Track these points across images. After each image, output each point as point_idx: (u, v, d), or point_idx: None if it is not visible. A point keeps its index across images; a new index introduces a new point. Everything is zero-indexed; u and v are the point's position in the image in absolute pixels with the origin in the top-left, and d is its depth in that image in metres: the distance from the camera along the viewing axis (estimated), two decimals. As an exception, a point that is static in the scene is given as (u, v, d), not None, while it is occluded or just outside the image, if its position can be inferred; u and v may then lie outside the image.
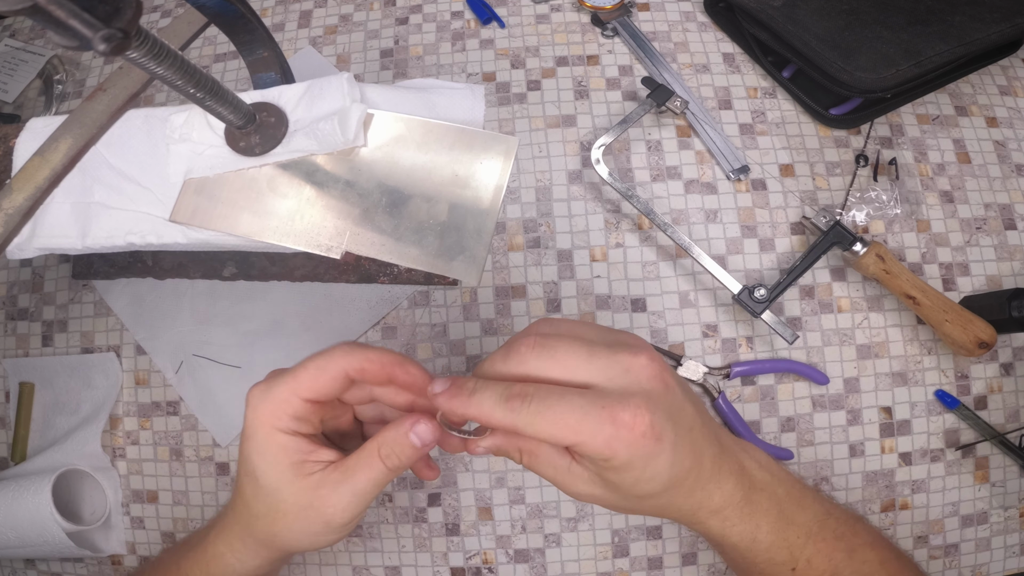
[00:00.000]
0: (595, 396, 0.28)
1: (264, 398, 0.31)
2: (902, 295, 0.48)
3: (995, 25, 0.50)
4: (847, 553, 0.34)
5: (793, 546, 0.33)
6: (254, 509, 0.33)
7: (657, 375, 0.29)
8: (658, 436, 0.28)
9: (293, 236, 0.40)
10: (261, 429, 0.31)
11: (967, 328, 0.46)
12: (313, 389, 0.31)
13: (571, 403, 0.28)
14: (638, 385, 0.28)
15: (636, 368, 0.29)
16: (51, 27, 0.21)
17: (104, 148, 0.42)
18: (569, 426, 0.27)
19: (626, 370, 0.28)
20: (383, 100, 0.42)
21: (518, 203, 0.53)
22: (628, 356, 0.29)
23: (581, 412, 0.27)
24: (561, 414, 0.27)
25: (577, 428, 0.27)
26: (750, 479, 0.33)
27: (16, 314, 0.56)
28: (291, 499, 0.32)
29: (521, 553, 0.49)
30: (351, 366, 0.31)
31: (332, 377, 0.31)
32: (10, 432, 0.54)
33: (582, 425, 0.27)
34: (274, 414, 0.31)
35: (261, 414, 0.31)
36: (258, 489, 0.32)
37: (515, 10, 0.59)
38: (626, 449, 0.27)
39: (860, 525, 0.36)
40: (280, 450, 0.31)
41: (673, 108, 0.51)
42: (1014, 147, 0.54)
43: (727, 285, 0.47)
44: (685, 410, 0.30)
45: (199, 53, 0.61)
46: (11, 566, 0.53)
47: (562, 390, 0.28)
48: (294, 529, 0.32)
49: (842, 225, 0.48)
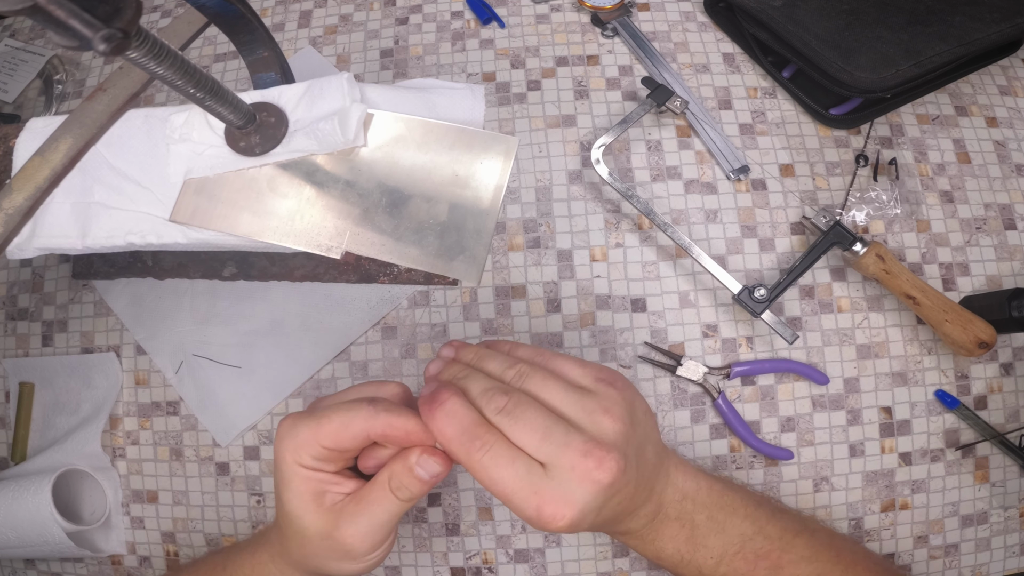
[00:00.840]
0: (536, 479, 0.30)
1: (289, 434, 0.33)
2: (902, 295, 0.48)
3: (995, 25, 0.50)
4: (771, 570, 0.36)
5: (703, 566, 0.36)
6: (285, 532, 0.35)
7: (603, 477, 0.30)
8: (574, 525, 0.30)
9: (293, 236, 0.40)
10: (284, 462, 0.33)
11: (967, 328, 0.46)
12: (333, 441, 0.32)
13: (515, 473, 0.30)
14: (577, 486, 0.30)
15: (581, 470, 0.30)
16: (51, 27, 0.21)
17: (104, 148, 0.42)
18: (505, 492, 0.30)
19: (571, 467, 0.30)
20: (383, 100, 0.42)
21: (518, 203, 0.53)
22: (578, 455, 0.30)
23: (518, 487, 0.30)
24: (503, 478, 0.30)
25: (510, 496, 0.30)
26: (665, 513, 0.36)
27: (16, 314, 0.56)
28: (313, 528, 0.33)
29: (521, 553, 0.49)
30: (373, 430, 0.32)
31: (353, 436, 0.32)
32: (10, 432, 0.54)
33: (514, 496, 0.30)
34: (296, 451, 0.32)
35: (286, 447, 0.33)
36: (285, 514, 0.34)
37: (515, 10, 0.59)
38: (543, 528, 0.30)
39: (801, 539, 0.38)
40: (302, 481, 0.33)
41: (673, 108, 0.51)
42: (1014, 147, 0.54)
43: (727, 285, 0.47)
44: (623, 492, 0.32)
45: (199, 53, 0.61)
46: (11, 566, 0.53)
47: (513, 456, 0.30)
48: (320, 556, 0.34)
49: (842, 225, 0.48)
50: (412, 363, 0.51)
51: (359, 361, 0.52)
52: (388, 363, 0.51)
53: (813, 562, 0.37)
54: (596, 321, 0.51)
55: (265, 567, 0.37)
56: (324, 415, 0.32)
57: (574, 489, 0.30)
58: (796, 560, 0.37)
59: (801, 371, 0.49)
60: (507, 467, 0.30)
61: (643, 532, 0.36)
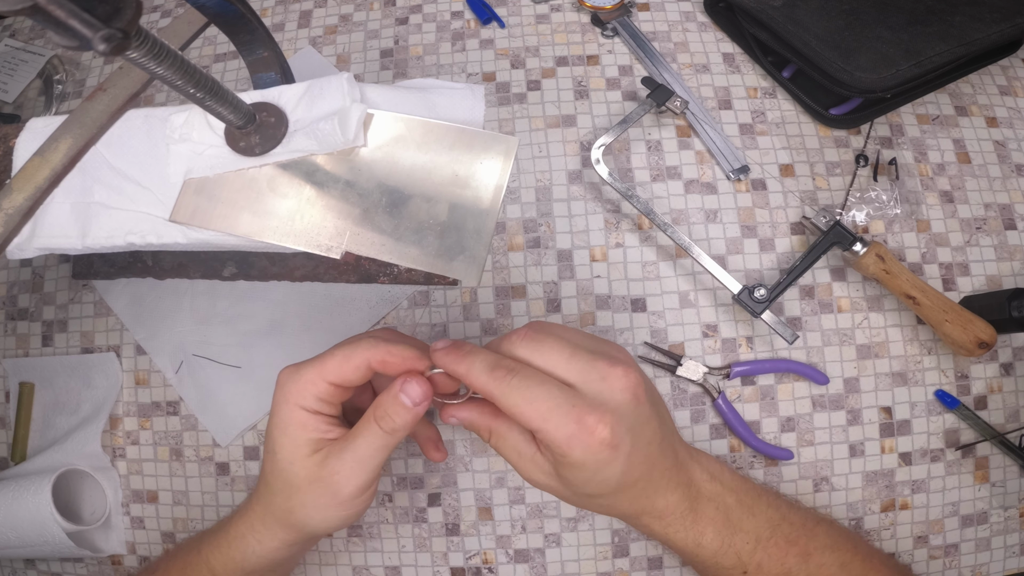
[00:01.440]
0: (571, 395, 0.30)
1: (292, 378, 0.34)
2: (902, 295, 0.48)
3: (995, 25, 0.50)
4: (801, 557, 0.36)
5: (741, 552, 0.36)
6: (272, 485, 0.35)
7: (630, 388, 0.31)
8: (615, 446, 0.30)
9: (293, 236, 0.40)
10: (285, 405, 0.34)
11: (967, 328, 0.46)
12: (337, 374, 0.33)
13: (548, 391, 0.30)
14: (610, 394, 0.30)
15: (612, 378, 0.31)
16: (51, 27, 0.21)
17: (104, 148, 0.42)
18: (539, 411, 0.29)
19: (602, 378, 0.30)
20: (383, 100, 0.42)
21: (518, 203, 0.53)
22: (606, 365, 0.31)
23: (553, 403, 0.29)
24: (536, 397, 0.29)
25: (545, 416, 0.29)
26: (697, 490, 0.36)
27: (16, 314, 0.56)
28: (303, 472, 0.34)
29: (521, 553, 0.49)
30: (374, 358, 0.33)
31: (356, 366, 0.33)
32: (10, 432, 0.54)
33: (551, 415, 0.29)
34: (300, 393, 0.33)
35: (288, 392, 0.34)
36: (275, 464, 0.34)
37: (515, 10, 0.59)
38: (582, 451, 0.30)
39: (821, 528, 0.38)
40: (299, 426, 0.33)
41: (673, 108, 0.51)
42: (1014, 147, 0.54)
43: (727, 285, 0.47)
44: (649, 425, 0.32)
45: (199, 53, 0.61)
46: (11, 566, 0.53)
47: (544, 377, 0.30)
48: (306, 504, 0.34)
49: (842, 225, 0.48)
50: (412, 363, 0.51)
51: (359, 361, 0.52)
52: (388, 363, 0.51)
53: (836, 551, 0.37)
54: (596, 321, 0.51)
55: (243, 539, 0.37)
56: (326, 354, 0.34)
57: (608, 398, 0.30)
58: (821, 548, 0.37)
59: (801, 371, 0.49)
60: (538, 387, 0.30)
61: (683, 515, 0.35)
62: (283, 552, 0.37)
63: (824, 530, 0.38)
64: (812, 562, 0.36)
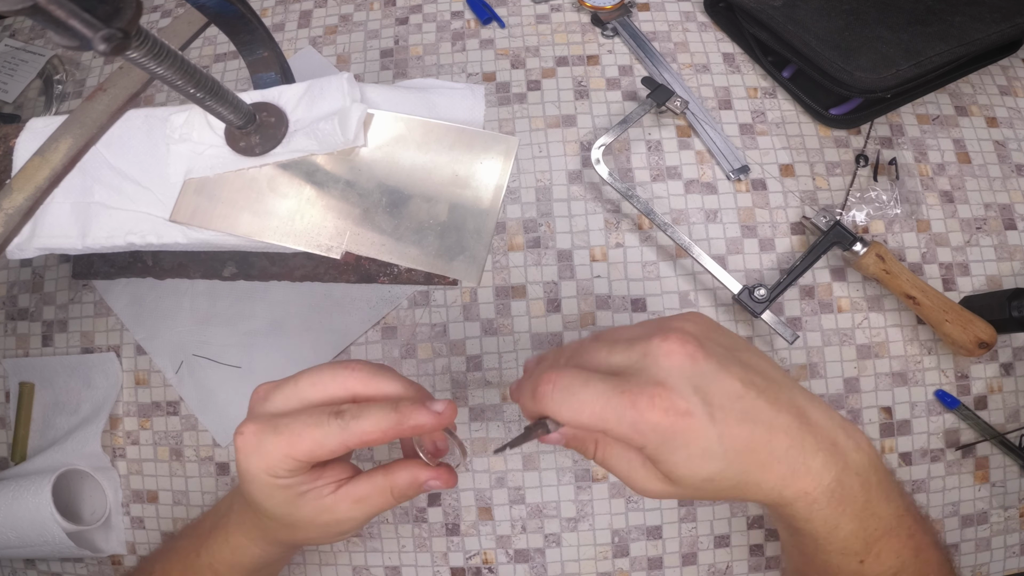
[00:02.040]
0: (618, 382, 0.28)
1: (257, 452, 0.30)
2: (902, 295, 0.48)
3: (995, 25, 0.50)
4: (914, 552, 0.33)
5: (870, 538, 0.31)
6: (266, 522, 0.34)
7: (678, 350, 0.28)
8: (684, 412, 0.27)
9: (293, 236, 0.40)
10: (259, 479, 0.31)
11: (967, 328, 0.46)
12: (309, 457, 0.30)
13: (594, 389, 0.28)
14: (657, 366, 0.28)
15: (653, 350, 0.28)
16: (51, 27, 0.21)
17: (104, 148, 0.42)
18: (594, 412, 0.27)
19: (644, 354, 0.28)
20: (383, 100, 0.42)
21: (518, 203, 0.53)
22: (644, 342, 0.29)
23: (604, 399, 0.27)
24: (584, 400, 0.27)
25: (601, 415, 0.27)
26: (844, 460, 0.30)
27: (16, 314, 0.56)
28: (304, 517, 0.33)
29: (521, 553, 0.49)
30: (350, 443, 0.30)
31: (330, 451, 0.30)
32: (10, 432, 0.54)
33: (605, 411, 0.27)
34: (268, 468, 0.30)
35: (256, 466, 0.31)
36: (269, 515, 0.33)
37: (515, 10, 0.59)
38: (653, 431, 0.27)
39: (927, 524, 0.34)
40: (282, 491, 0.31)
41: (673, 108, 0.51)
42: (1014, 147, 0.54)
43: (727, 285, 0.47)
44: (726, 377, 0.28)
45: (199, 53, 0.61)
46: (11, 566, 0.53)
47: (586, 376, 0.28)
48: (310, 533, 0.34)
49: (842, 225, 0.48)
50: (412, 363, 0.51)
51: (359, 361, 0.52)
52: (388, 363, 0.51)
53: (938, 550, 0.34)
54: (596, 321, 0.51)
55: (246, 549, 0.37)
56: (292, 431, 0.30)
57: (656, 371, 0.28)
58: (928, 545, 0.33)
59: None
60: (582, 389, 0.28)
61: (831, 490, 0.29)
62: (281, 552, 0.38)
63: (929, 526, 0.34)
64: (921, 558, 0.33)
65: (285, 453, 0.30)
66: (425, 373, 0.51)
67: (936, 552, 0.34)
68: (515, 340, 0.51)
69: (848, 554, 0.31)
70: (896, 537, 0.32)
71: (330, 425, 0.30)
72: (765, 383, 0.29)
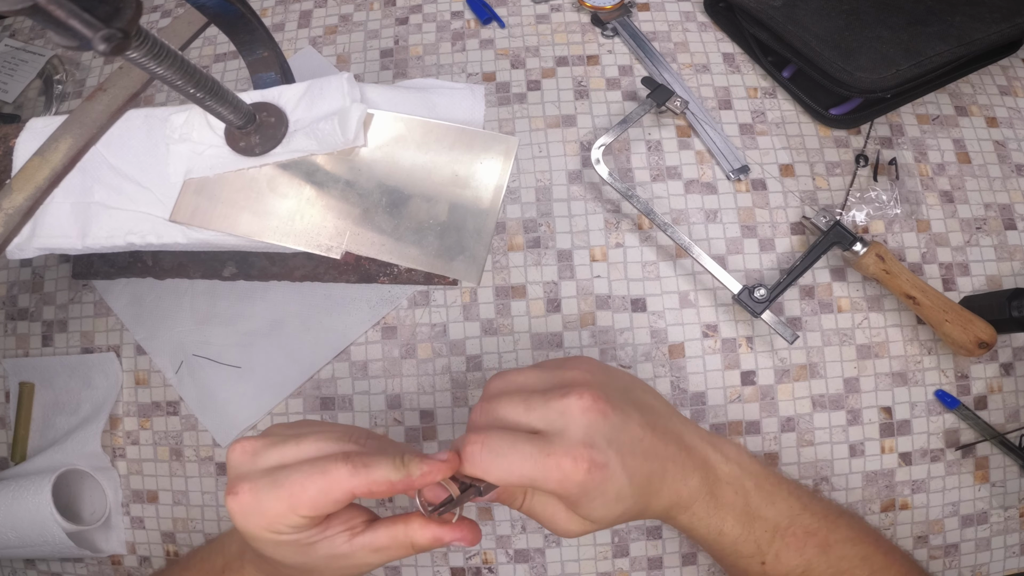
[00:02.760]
0: (542, 444, 0.30)
1: (256, 511, 0.29)
2: (902, 295, 0.48)
3: (995, 25, 0.50)
4: (820, 549, 0.35)
5: (760, 540, 0.35)
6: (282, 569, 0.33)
7: (589, 408, 0.30)
8: (603, 465, 0.30)
9: (293, 236, 0.40)
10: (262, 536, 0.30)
11: (967, 328, 0.46)
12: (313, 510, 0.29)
13: (520, 451, 0.30)
14: (575, 425, 0.30)
15: (568, 410, 0.30)
16: (51, 27, 0.21)
17: (104, 148, 0.42)
18: (523, 473, 0.29)
19: (561, 413, 0.31)
20: (383, 100, 0.42)
21: (518, 203, 0.53)
22: (559, 399, 0.31)
23: (531, 461, 0.29)
24: (513, 462, 0.29)
25: (530, 475, 0.29)
26: (715, 473, 0.34)
27: (16, 314, 0.56)
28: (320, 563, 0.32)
29: (521, 553, 0.49)
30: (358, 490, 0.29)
31: (336, 501, 0.29)
32: (10, 432, 0.54)
33: (534, 472, 0.29)
34: (272, 525, 0.29)
35: (257, 527, 0.29)
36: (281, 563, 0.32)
37: (515, 10, 0.59)
38: (577, 488, 0.30)
39: (843, 520, 0.37)
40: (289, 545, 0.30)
41: (673, 108, 0.51)
42: (1014, 147, 0.54)
43: (727, 285, 0.47)
44: (629, 426, 0.32)
45: (199, 53, 0.61)
46: (11, 566, 0.53)
47: (513, 438, 0.30)
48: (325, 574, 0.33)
49: (842, 225, 0.48)
50: (412, 363, 0.51)
51: (359, 361, 0.52)
52: (388, 363, 0.51)
53: (858, 544, 0.36)
54: (596, 321, 0.51)
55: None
56: (294, 483, 0.28)
57: (574, 430, 0.30)
58: (842, 540, 0.36)
59: None
60: (510, 449, 0.29)
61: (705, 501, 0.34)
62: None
63: (846, 522, 0.37)
64: (832, 554, 0.35)
65: (288, 508, 0.28)
66: (425, 373, 0.51)
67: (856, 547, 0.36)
68: (515, 340, 0.51)
69: (744, 556, 0.35)
70: (792, 536, 0.35)
71: (338, 471, 0.28)
72: (654, 418, 0.33)
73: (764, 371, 0.50)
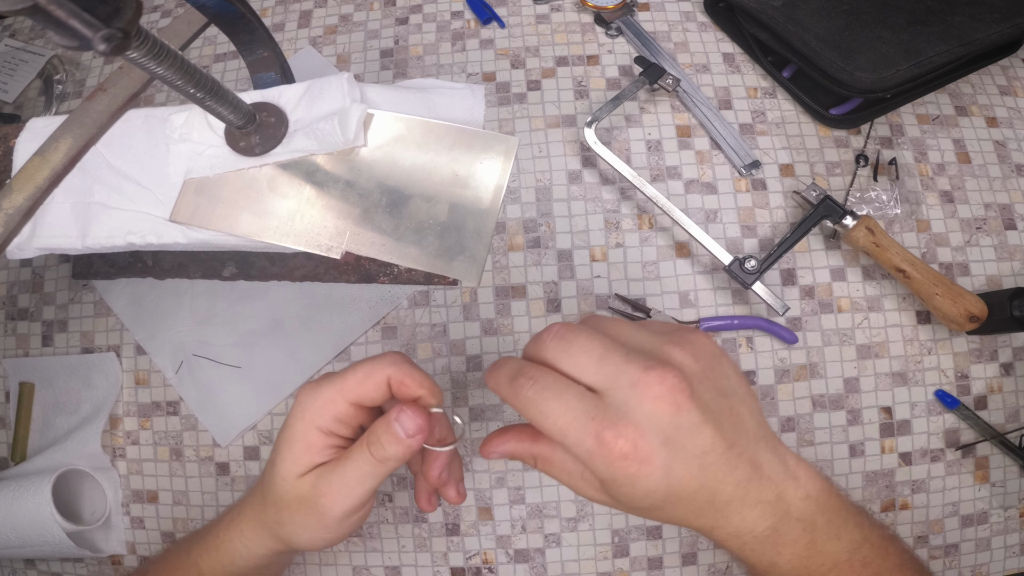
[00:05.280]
0: (591, 405, 0.27)
1: (311, 395, 0.33)
2: (892, 268, 0.48)
3: (995, 25, 0.50)
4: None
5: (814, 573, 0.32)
6: (268, 496, 0.35)
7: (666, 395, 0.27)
8: (643, 459, 0.27)
9: (293, 236, 0.40)
10: (300, 422, 0.33)
11: (957, 302, 0.46)
12: (357, 392, 0.33)
13: (566, 404, 0.27)
14: (638, 403, 0.27)
15: (642, 385, 0.27)
16: (51, 27, 0.21)
17: (104, 148, 0.42)
18: (558, 425, 0.28)
19: (631, 384, 0.27)
20: (383, 100, 0.42)
21: (518, 203, 0.53)
22: (639, 369, 0.27)
23: (572, 417, 0.27)
24: (554, 410, 0.28)
25: (564, 430, 0.27)
26: (786, 510, 0.31)
27: (16, 314, 0.56)
28: (293, 491, 0.33)
29: (521, 553, 0.49)
30: (395, 376, 0.32)
31: (376, 383, 0.32)
32: (10, 432, 0.54)
33: (569, 429, 0.27)
34: (317, 412, 0.33)
35: (306, 409, 0.33)
36: (272, 476, 0.34)
37: (515, 10, 0.59)
38: (604, 468, 0.27)
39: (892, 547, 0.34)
40: (305, 446, 0.33)
41: (665, 86, 0.51)
42: (1014, 147, 0.54)
43: (717, 255, 0.47)
44: (700, 434, 0.28)
45: (199, 53, 0.61)
46: (11, 566, 0.53)
47: (563, 387, 0.28)
48: (295, 522, 0.34)
49: (832, 198, 0.48)
50: (412, 363, 0.51)
51: (359, 361, 0.52)
52: (388, 363, 0.51)
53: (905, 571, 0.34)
54: (596, 321, 0.51)
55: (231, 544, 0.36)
56: (347, 371, 0.33)
57: (635, 408, 0.27)
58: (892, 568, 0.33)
59: (769, 328, 0.49)
60: (555, 399, 0.27)
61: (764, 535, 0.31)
62: (270, 558, 0.37)
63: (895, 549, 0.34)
64: None
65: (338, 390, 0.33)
66: (425, 373, 0.51)
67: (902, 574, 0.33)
68: (515, 340, 0.51)
69: None
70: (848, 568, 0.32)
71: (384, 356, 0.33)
72: (737, 436, 0.29)
73: (764, 371, 0.50)
